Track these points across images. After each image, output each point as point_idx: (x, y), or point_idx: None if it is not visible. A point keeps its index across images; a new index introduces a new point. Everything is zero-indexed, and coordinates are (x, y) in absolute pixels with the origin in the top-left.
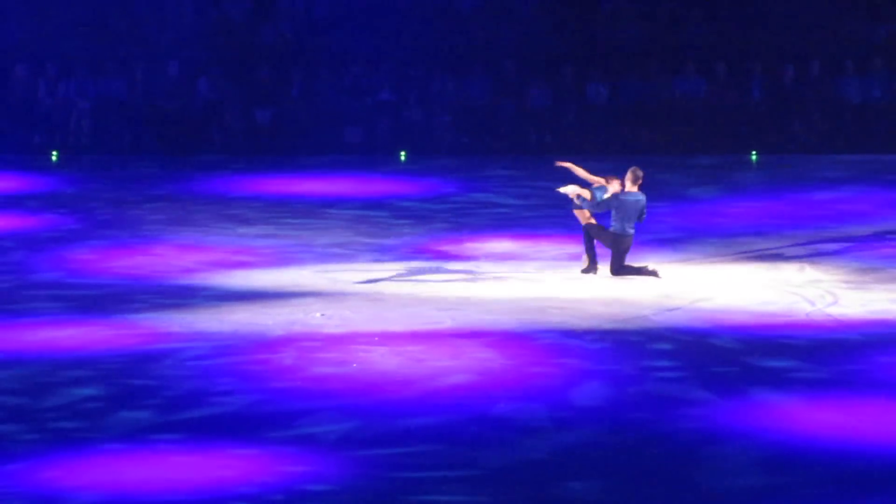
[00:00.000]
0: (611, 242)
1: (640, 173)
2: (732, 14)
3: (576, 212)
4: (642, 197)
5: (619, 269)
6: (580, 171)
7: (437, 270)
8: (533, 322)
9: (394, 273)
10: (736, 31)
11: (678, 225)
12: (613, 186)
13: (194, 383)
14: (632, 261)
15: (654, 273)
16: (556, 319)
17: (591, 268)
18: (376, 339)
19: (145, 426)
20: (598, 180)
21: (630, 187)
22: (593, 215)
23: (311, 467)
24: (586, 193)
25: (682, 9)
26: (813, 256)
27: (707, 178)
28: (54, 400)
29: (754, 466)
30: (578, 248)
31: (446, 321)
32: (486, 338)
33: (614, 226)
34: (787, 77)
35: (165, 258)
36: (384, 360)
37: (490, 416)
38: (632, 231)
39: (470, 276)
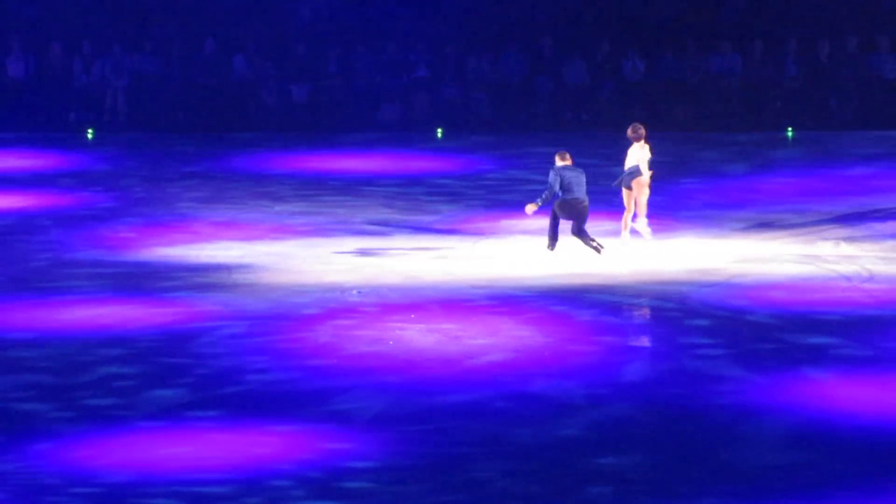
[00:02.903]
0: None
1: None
2: None
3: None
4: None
5: (578, 231)
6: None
7: (474, 247)
8: (569, 299)
9: (430, 250)
10: (772, 7)
11: (714, 201)
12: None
13: (230, 361)
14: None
15: (597, 248)
16: (593, 296)
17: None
18: (412, 316)
19: (181, 403)
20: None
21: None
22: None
23: (349, 444)
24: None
25: None
26: (848, 232)
27: (743, 154)
28: (89, 378)
29: (789, 442)
30: (617, 224)
31: (482, 299)
32: (523, 315)
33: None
34: (823, 53)
35: (201, 236)
36: (420, 338)
37: (526, 393)
38: (581, 196)
39: (506, 253)
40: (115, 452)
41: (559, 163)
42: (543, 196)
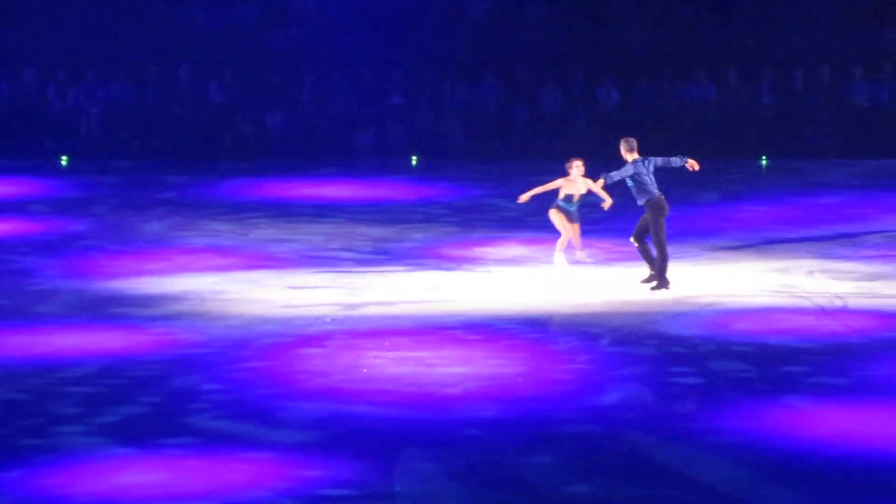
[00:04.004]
0: (653, 210)
1: (634, 143)
2: (743, 20)
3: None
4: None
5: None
6: (540, 189)
7: (448, 275)
8: (544, 327)
9: (404, 278)
10: (746, 36)
11: (688, 230)
12: (576, 170)
13: (203, 388)
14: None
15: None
16: (568, 324)
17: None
18: (386, 344)
19: (153, 431)
20: (556, 183)
21: (628, 157)
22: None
23: (322, 472)
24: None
25: (692, 14)
26: (823, 261)
27: (717, 182)
28: (60, 405)
29: (764, 471)
30: (590, 252)
31: (457, 327)
32: (497, 343)
33: (652, 194)
34: (797, 82)
35: (175, 263)
36: (394, 366)
37: (500, 421)
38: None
39: (480, 281)
40: (85, 480)
41: (631, 156)
42: (613, 176)
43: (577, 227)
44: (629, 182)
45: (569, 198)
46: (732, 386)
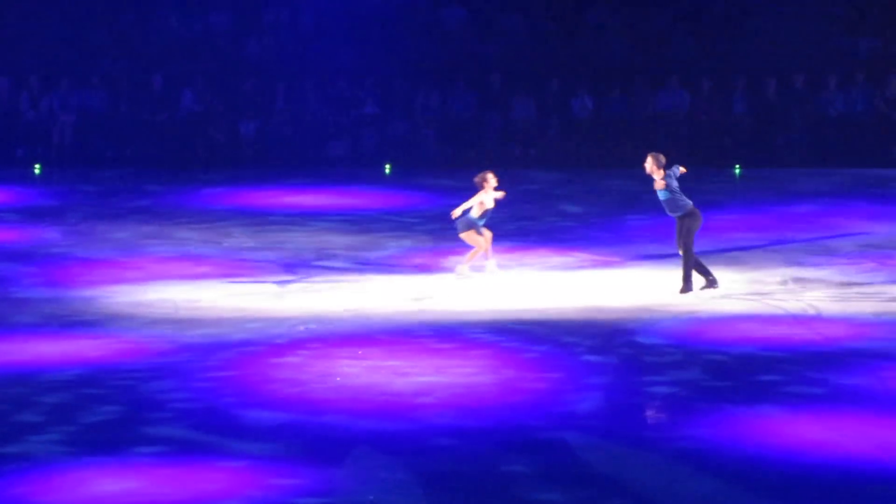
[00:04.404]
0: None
1: (663, 159)
2: (716, 29)
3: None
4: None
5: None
6: (467, 205)
7: (421, 283)
8: (517, 335)
9: (378, 286)
10: (719, 45)
11: (661, 238)
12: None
13: (176, 395)
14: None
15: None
16: (540, 332)
17: (710, 282)
18: (359, 352)
19: (126, 438)
20: (477, 197)
21: (657, 174)
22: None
23: (294, 480)
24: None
25: (666, 23)
26: (796, 270)
27: (690, 191)
28: (33, 413)
29: (739, 480)
30: (564, 259)
31: (430, 335)
32: (471, 351)
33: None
34: (771, 91)
35: (149, 271)
36: (367, 374)
37: (472, 429)
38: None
39: (453, 289)
40: (57, 489)
41: (660, 173)
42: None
43: (489, 236)
44: (665, 195)
45: (485, 213)
46: (706, 395)
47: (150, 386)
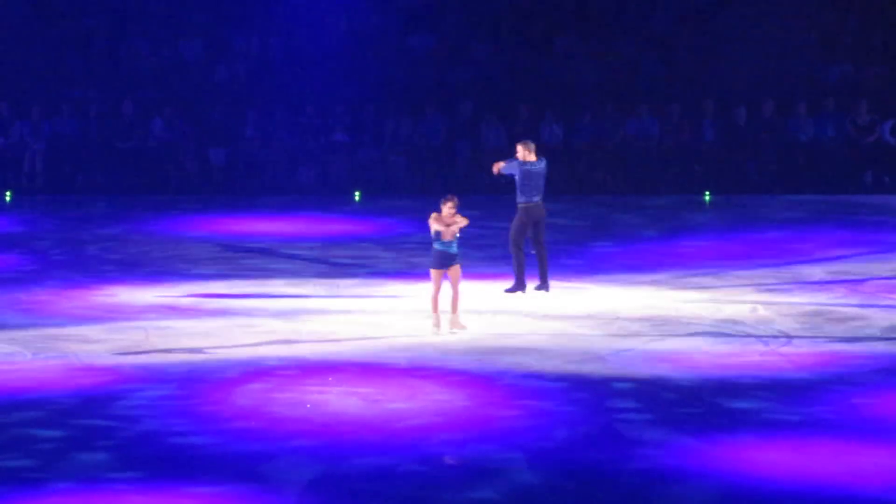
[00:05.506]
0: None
1: (532, 145)
2: (685, 55)
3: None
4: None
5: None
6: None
7: (392, 310)
8: (489, 363)
9: (348, 313)
10: (689, 71)
11: (630, 265)
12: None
13: (148, 424)
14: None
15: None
16: (512, 360)
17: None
18: (330, 379)
19: (99, 466)
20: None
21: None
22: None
23: None
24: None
25: (635, 50)
26: (766, 296)
27: (660, 217)
28: (4, 440)
29: None
30: (535, 286)
31: (401, 362)
32: (443, 378)
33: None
34: (740, 117)
35: (119, 299)
36: (338, 401)
37: (444, 456)
38: (538, 199)
39: (424, 317)
40: None
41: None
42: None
43: (455, 273)
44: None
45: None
46: (678, 422)
47: (119, 413)
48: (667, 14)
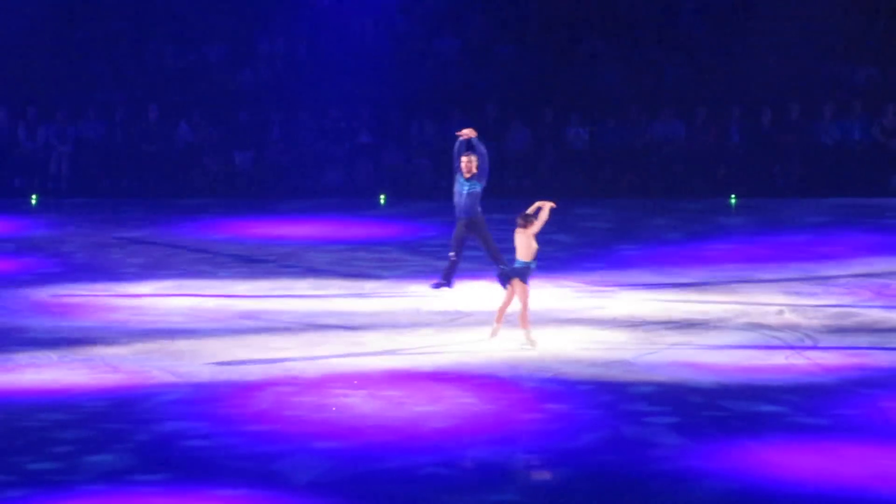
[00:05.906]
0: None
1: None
2: (711, 58)
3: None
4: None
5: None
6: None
7: (417, 314)
8: (513, 366)
9: (373, 316)
10: (715, 74)
11: (656, 268)
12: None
13: (173, 426)
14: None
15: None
16: (537, 363)
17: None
18: (355, 382)
19: (124, 468)
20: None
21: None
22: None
23: None
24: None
25: (660, 53)
26: (792, 299)
27: (685, 221)
28: (31, 443)
29: None
30: (559, 290)
31: (426, 365)
32: (467, 382)
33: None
34: (766, 120)
35: (144, 301)
36: (363, 404)
37: (466, 459)
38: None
39: (449, 320)
40: None
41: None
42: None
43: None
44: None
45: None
46: (706, 425)
47: (146, 417)
48: (693, 17)
